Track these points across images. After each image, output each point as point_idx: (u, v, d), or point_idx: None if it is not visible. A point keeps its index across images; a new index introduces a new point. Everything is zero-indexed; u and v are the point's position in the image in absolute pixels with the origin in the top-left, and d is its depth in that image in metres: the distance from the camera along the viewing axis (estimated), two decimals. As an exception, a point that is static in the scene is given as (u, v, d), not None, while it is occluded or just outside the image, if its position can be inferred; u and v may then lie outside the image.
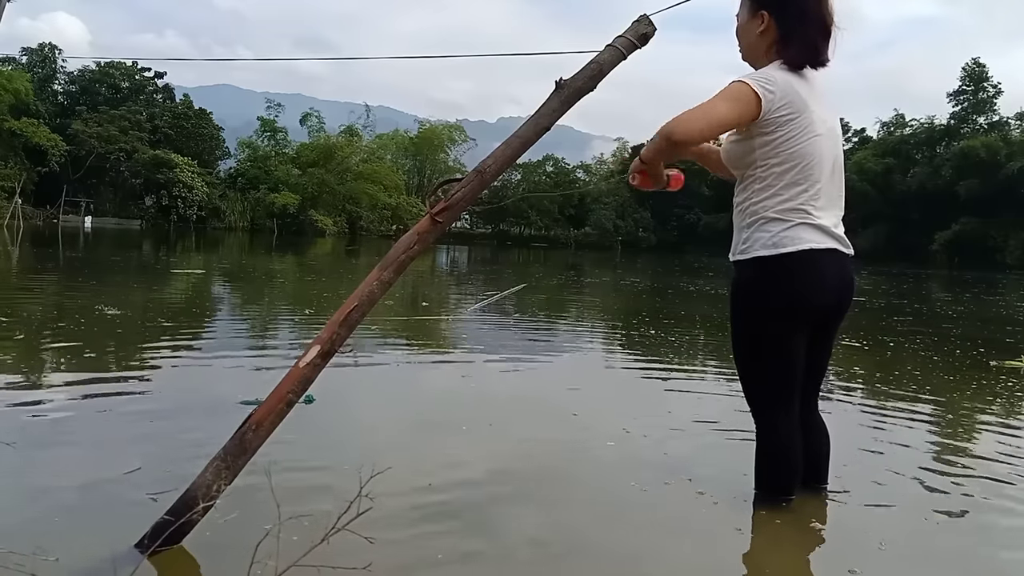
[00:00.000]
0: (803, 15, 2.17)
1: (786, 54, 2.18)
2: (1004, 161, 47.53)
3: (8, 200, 38.80)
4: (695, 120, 2.10)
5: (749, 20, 2.26)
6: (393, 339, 5.87)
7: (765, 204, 2.17)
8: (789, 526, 2.17)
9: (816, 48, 2.18)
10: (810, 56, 2.18)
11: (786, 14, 2.18)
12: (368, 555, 1.67)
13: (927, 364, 5.74)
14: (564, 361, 5.31)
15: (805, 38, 2.17)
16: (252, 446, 1.80)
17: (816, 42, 2.18)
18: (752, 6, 2.25)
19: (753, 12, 2.24)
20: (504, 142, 2.08)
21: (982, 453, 3.14)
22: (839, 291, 2.24)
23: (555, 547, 1.98)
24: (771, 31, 2.21)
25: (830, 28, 2.20)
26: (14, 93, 44.56)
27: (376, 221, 53.70)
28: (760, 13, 2.22)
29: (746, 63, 2.32)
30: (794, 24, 2.18)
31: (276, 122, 56.25)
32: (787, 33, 2.18)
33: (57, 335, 5.09)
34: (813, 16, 2.18)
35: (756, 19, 2.23)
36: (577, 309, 10.30)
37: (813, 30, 2.17)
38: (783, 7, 2.19)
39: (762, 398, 2.27)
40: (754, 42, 2.25)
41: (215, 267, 14.38)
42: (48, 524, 1.92)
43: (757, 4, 2.23)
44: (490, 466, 2.61)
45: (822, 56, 2.19)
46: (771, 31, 2.21)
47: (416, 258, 2.01)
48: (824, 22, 2.19)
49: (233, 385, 3.69)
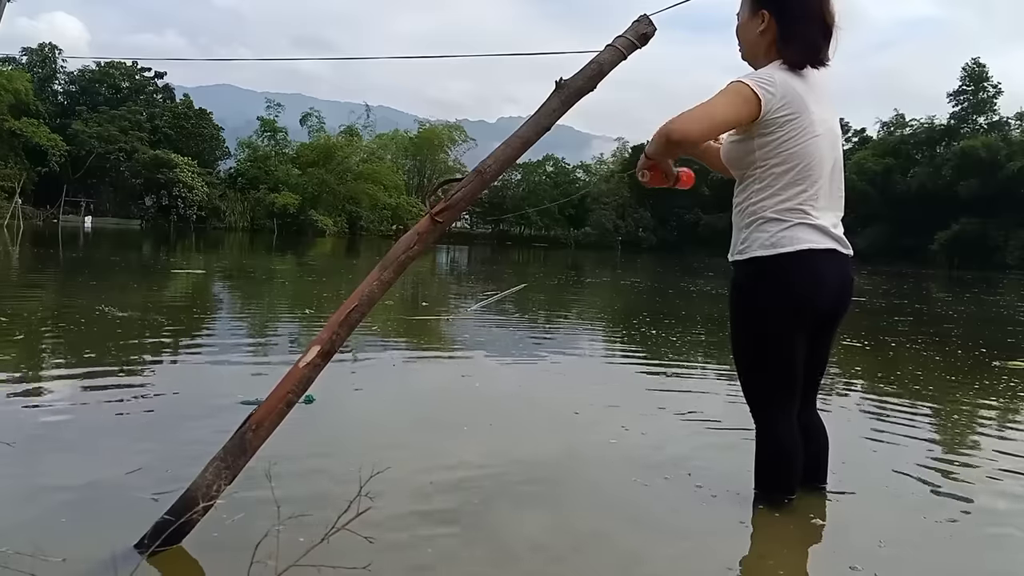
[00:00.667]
0: (804, 14, 2.17)
1: (786, 53, 2.18)
2: (1004, 161, 47.52)
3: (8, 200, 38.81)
4: (694, 121, 2.10)
5: (749, 19, 2.25)
6: (393, 339, 5.87)
7: (764, 204, 2.16)
8: (789, 525, 2.17)
9: (817, 47, 2.18)
10: (810, 56, 2.17)
11: (787, 13, 2.18)
12: (368, 555, 1.67)
13: (928, 364, 5.74)
14: (564, 361, 5.30)
15: (806, 37, 2.17)
16: (252, 446, 1.80)
17: (817, 41, 2.18)
18: (753, 5, 2.24)
19: (754, 11, 2.23)
20: (504, 142, 2.08)
21: (983, 452, 3.14)
22: (838, 291, 2.24)
23: (555, 546, 1.98)
24: (771, 30, 2.20)
25: (831, 28, 2.19)
26: (14, 93, 44.58)
27: (376, 221, 53.70)
28: (761, 12, 2.21)
29: (746, 62, 2.32)
30: (795, 23, 2.17)
31: (276, 122, 56.25)
32: (787, 32, 2.18)
33: (57, 335, 5.09)
34: (814, 15, 2.17)
35: (756, 18, 2.22)
36: (578, 309, 10.30)
37: (814, 29, 2.17)
38: (784, 6, 2.18)
39: (762, 398, 2.27)
40: (754, 41, 2.25)
41: (215, 267, 14.38)
42: (48, 524, 1.92)
43: (758, 3, 2.22)
44: (490, 466, 2.61)
45: (822, 56, 2.19)
46: (771, 30, 2.20)
47: (416, 258, 2.01)
48: (825, 22, 2.18)
49: (233, 385, 3.69)
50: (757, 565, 1.96)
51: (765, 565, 1.96)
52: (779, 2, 2.19)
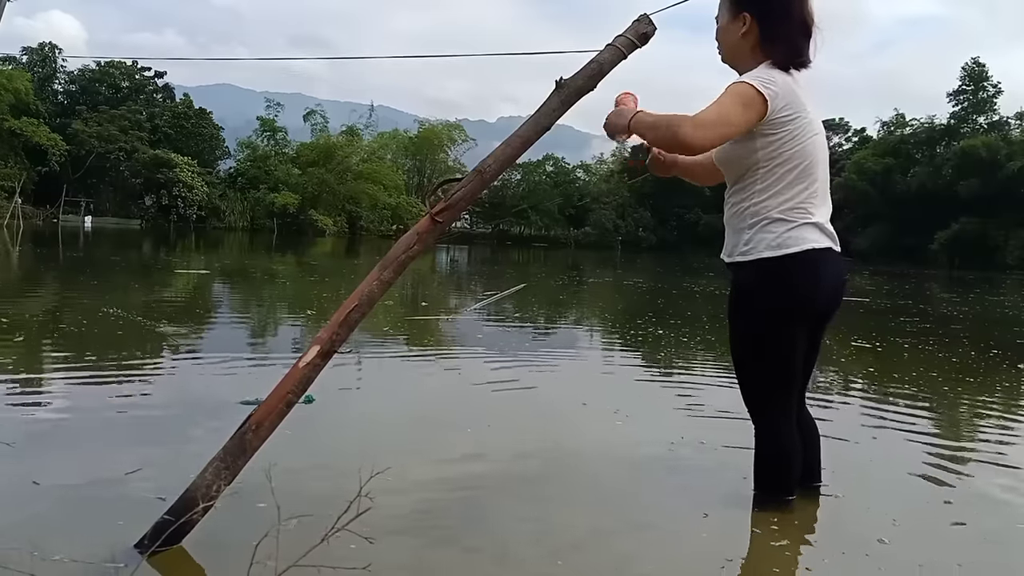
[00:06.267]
0: (785, 16, 2.16)
1: (774, 57, 2.17)
2: (1004, 161, 47.46)
3: (8, 200, 38.76)
4: (710, 127, 2.05)
5: (731, 21, 2.23)
6: (393, 339, 5.87)
7: (767, 204, 2.16)
8: (789, 525, 2.17)
9: (798, 49, 2.17)
10: (793, 57, 2.17)
11: (768, 14, 2.17)
12: (368, 555, 1.67)
13: (944, 366, 5.72)
14: (565, 361, 5.30)
15: (788, 39, 2.16)
16: (252, 446, 1.80)
17: (798, 42, 2.17)
18: (733, 8, 2.22)
19: (735, 14, 2.22)
20: (504, 141, 2.08)
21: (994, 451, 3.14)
22: (836, 289, 2.25)
23: (555, 546, 1.98)
24: (753, 32, 2.19)
25: (811, 29, 2.19)
26: (14, 92, 44.51)
27: (376, 221, 53.62)
28: (742, 14, 2.20)
29: (726, 65, 2.32)
30: (776, 25, 2.16)
31: (276, 121, 56.17)
32: (769, 34, 2.17)
33: (57, 335, 5.09)
34: (795, 17, 2.17)
35: (738, 21, 2.21)
36: (579, 309, 10.30)
37: (795, 30, 2.17)
38: (765, 8, 2.18)
39: (761, 399, 2.27)
40: (736, 43, 2.24)
41: (215, 267, 14.37)
42: (48, 524, 1.92)
43: (738, 6, 2.21)
44: (490, 465, 2.61)
45: (803, 57, 2.19)
46: (753, 32, 2.19)
47: (416, 258, 2.01)
48: (805, 23, 2.18)
49: (233, 385, 3.70)
50: (757, 565, 1.96)
51: (765, 565, 1.96)
52: (760, 4, 2.18)
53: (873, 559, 1.98)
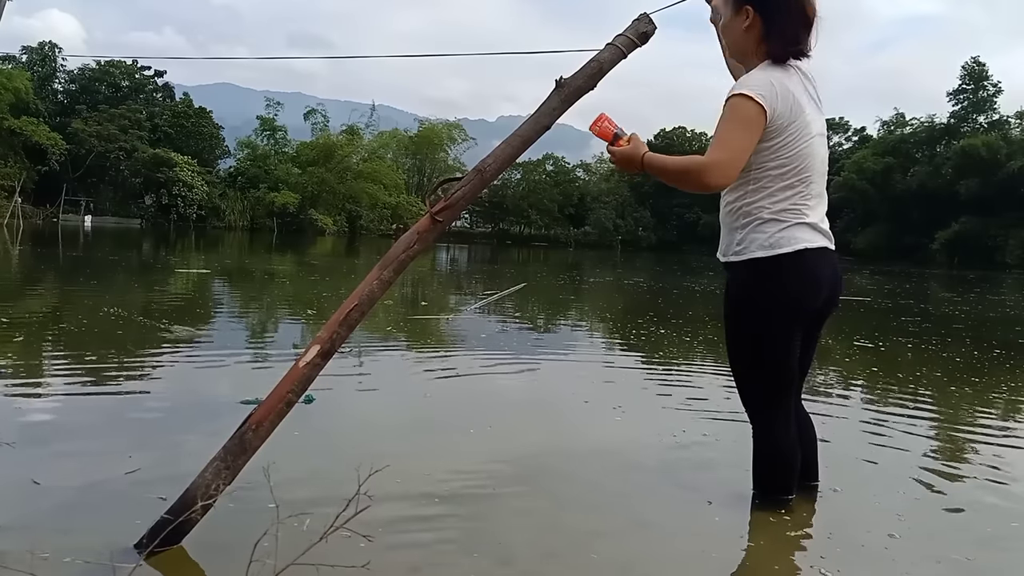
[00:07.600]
0: (786, 6, 2.15)
1: (770, 48, 2.17)
2: (1004, 160, 47.49)
3: (8, 199, 38.78)
4: (728, 165, 2.06)
5: (733, 16, 2.22)
6: (393, 338, 5.87)
7: (761, 205, 2.15)
8: (788, 524, 2.17)
9: (798, 39, 2.16)
10: (792, 47, 2.16)
11: (769, 6, 2.16)
12: (367, 554, 1.67)
13: (948, 366, 5.70)
14: (565, 361, 5.30)
15: (788, 30, 2.15)
16: (252, 446, 1.80)
17: (798, 33, 2.16)
18: (735, 2, 2.21)
19: (737, 8, 2.20)
20: (504, 141, 2.08)
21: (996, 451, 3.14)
22: (831, 288, 2.24)
23: (555, 546, 1.98)
24: (756, 26, 2.18)
25: (812, 19, 2.18)
26: (14, 92, 44.48)
27: (376, 220, 53.61)
28: (744, 8, 2.18)
29: (732, 61, 2.30)
30: (777, 16, 2.15)
31: (276, 121, 56.15)
32: (771, 25, 2.16)
33: (57, 335, 5.09)
34: (796, 7, 2.16)
35: (741, 15, 2.20)
36: (579, 309, 10.30)
37: (796, 21, 2.16)
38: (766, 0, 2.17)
39: (759, 399, 2.27)
40: (740, 38, 2.23)
41: (215, 266, 14.37)
42: (48, 524, 1.92)
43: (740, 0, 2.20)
44: (489, 465, 2.61)
45: (803, 47, 2.18)
46: (756, 26, 2.18)
47: (416, 257, 2.01)
48: (805, 13, 2.17)
49: (233, 385, 3.70)
50: (757, 565, 1.96)
51: (765, 565, 1.96)
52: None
53: (873, 558, 1.98)
